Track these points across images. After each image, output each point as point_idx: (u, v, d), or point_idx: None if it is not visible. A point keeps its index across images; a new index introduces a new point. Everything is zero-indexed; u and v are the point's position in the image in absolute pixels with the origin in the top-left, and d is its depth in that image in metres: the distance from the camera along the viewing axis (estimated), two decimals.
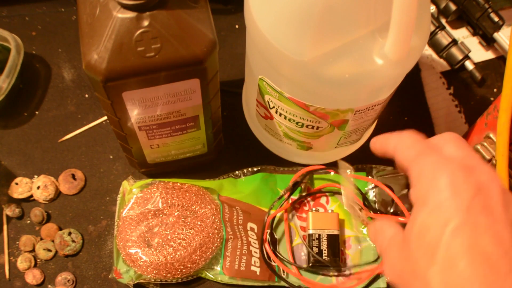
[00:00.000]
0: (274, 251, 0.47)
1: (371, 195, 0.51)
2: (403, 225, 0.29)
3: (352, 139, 0.49)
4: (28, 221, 0.50)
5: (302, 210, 0.50)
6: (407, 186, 0.51)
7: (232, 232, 0.47)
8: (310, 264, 0.47)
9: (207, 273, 0.46)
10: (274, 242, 0.48)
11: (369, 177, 0.52)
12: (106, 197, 0.51)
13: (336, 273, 0.48)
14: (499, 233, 0.27)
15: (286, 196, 0.49)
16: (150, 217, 0.46)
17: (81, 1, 0.36)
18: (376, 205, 0.50)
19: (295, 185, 0.50)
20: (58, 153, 0.53)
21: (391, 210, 0.50)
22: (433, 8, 0.60)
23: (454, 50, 0.58)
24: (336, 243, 0.47)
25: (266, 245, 0.47)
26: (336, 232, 0.48)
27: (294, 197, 0.50)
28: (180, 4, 0.35)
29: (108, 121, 0.50)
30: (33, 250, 0.49)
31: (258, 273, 0.46)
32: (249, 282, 0.47)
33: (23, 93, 0.55)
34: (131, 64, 0.35)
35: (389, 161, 0.52)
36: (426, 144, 0.31)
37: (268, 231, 0.48)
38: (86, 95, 0.56)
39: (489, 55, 0.61)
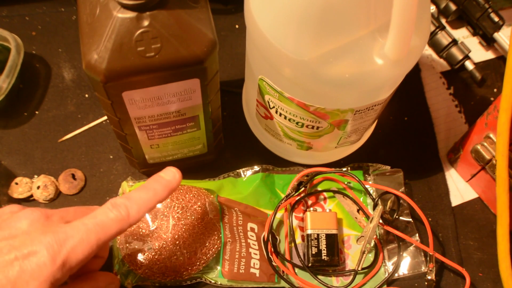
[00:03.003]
0: (277, 252, 0.47)
1: (371, 193, 0.51)
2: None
3: (352, 139, 0.49)
4: None
5: (300, 210, 0.50)
6: (404, 184, 0.52)
7: (231, 234, 0.47)
8: (310, 264, 0.47)
9: (207, 276, 0.46)
10: (274, 243, 0.48)
11: (366, 175, 0.52)
12: (106, 197, 0.51)
13: (335, 273, 0.48)
14: None
15: (291, 195, 0.49)
16: (149, 219, 0.46)
17: (81, 1, 0.36)
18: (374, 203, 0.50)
19: (300, 184, 0.50)
20: (58, 153, 0.53)
21: (389, 209, 0.50)
22: (433, 8, 0.60)
23: (454, 50, 0.58)
24: (334, 242, 0.47)
25: (269, 246, 0.47)
26: (334, 232, 0.48)
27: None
28: (180, 4, 0.35)
29: (108, 121, 0.50)
30: None
31: (257, 275, 0.46)
32: (248, 284, 0.46)
33: (23, 93, 0.55)
34: (131, 64, 0.35)
35: (387, 160, 0.53)
36: None
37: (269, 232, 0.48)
38: (86, 95, 0.56)
39: (489, 55, 0.61)
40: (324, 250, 0.47)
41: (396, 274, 0.48)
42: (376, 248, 0.49)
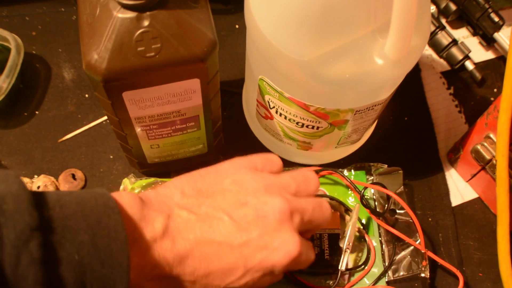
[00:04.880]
0: None
1: (370, 193, 0.51)
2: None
3: (352, 139, 0.49)
4: None
5: None
6: (404, 183, 0.52)
7: None
8: (312, 264, 0.47)
9: None
10: None
11: (367, 176, 0.52)
12: None
13: (336, 272, 0.48)
14: None
15: None
16: None
17: (81, 1, 0.36)
18: (376, 202, 0.50)
19: None
20: (58, 153, 0.53)
21: (389, 208, 0.50)
22: (433, 8, 0.60)
23: (454, 50, 0.58)
24: (337, 242, 0.47)
25: None
26: (337, 231, 0.48)
27: None
28: (180, 4, 0.35)
29: (108, 121, 0.50)
30: None
31: None
32: None
33: (23, 93, 0.55)
34: (131, 64, 0.35)
35: (387, 160, 0.53)
36: None
37: None
38: (86, 95, 0.56)
39: (489, 55, 0.61)
40: (326, 250, 0.47)
41: (396, 275, 0.48)
42: (367, 248, 0.48)
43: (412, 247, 0.49)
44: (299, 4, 0.35)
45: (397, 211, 0.50)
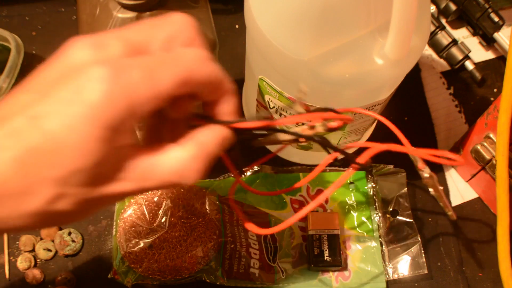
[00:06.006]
0: (275, 253, 0.48)
1: (370, 193, 0.51)
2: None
3: (352, 139, 0.49)
4: None
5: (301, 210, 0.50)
6: (407, 184, 0.52)
7: (232, 234, 0.47)
8: (312, 265, 0.47)
9: (207, 276, 0.46)
10: (274, 242, 0.48)
11: (369, 176, 0.52)
12: None
13: (336, 273, 0.48)
14: None
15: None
16: (150, 217, 0.46)
17: (81, 1, 0.36)
18: (376, 203, 0.50)
19: None
20: None
21: (391, 209, 0.50)
22: (433, 8, 0.60)
23: (454, 50, 0.58)
24: (336, 243, 0.47)
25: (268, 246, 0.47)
26: (336, 232, 0.48)
27: (293, 196, 0.50)
28: (180, 4, 0.35)
29: None
30: (33, 250, 0.49)
31: (257, 275, 0.46)
32: (248, 284, 0.47)
33: None
34: None
35: (386, 161, 0.53)
36: None
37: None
38: None
39: (489, 55, 0.61)
40: (326, 250, 0.47)
41: (396, 275, 0.48)
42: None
43: (413, 248, 0.49)
44: (299, 4, 0.35)
45: (398, 211, 0.50)
